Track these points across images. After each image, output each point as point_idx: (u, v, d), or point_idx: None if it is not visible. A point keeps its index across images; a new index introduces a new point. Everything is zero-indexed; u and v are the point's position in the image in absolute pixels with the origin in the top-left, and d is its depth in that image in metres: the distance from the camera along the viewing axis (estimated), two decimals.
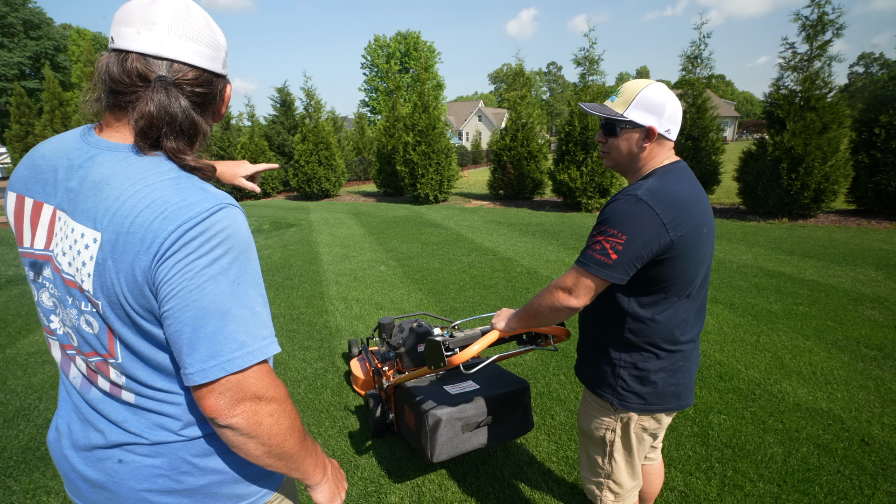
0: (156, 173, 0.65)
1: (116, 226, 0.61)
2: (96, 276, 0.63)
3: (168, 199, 0.62)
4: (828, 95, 7.48)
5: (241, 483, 0.77)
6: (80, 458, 0.73)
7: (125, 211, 0.61)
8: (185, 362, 0.62)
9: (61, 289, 0.68)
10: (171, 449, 0.71)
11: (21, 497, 1.98)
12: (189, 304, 0.60)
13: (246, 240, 0.66)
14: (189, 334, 0.61)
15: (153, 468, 0.71)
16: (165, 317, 0.62)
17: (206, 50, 0.69)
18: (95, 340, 0.68)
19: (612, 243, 1.05)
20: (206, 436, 0.73)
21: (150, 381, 0.69)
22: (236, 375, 0.63)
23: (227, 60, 0.75)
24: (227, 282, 0.62)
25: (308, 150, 13.64)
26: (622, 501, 1.33)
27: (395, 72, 16.24)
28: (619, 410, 1.22)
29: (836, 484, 1.90)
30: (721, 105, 17.69)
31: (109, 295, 0.63)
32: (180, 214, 0.61)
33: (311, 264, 5.97)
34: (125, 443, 0.71)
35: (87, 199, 0.64)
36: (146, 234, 0.60)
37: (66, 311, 0.69)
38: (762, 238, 6.69)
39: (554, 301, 1.14)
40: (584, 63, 9.85)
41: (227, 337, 0.62)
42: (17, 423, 2.53)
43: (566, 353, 3.16)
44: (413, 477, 2.03)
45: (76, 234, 0.64)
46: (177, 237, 0.60)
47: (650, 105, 1.11)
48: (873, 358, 2.99)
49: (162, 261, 0.60)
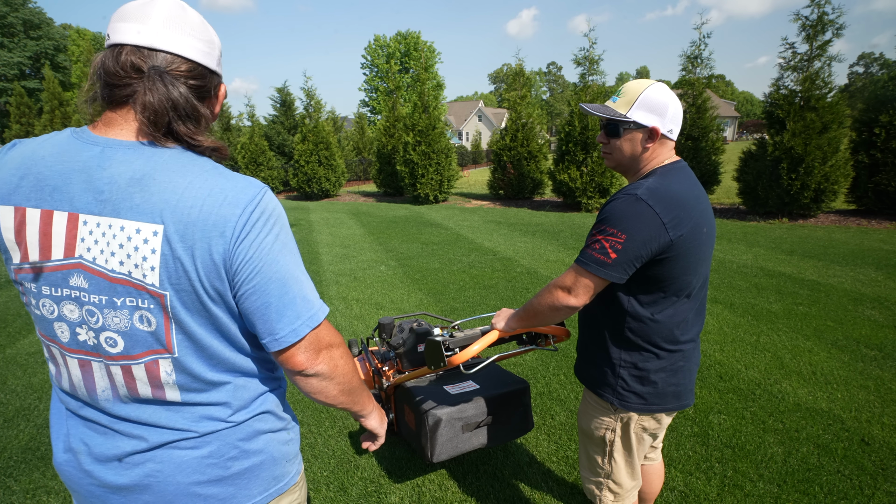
0: (195, 164, 0.68)
1: (181, 215, 0.64)
2: (163, 267, 0.64)
3: (224, 187, 0.67)
4: (828, 95, 7.49)
5: (279, 464, 0.80)
6: (108, 470, 0.71)
7: (187, 201, 0.64)
8: (275, 328, 0.70)
9: (106, 291, 0.65)
10: (219, 437, 0.73)
11: (21, 497, 1.98)
12: (272, 277, 0.69)
13: (285, 215, 0.75)
14: (276, 303, 0.69)
15: (201, 458, 0.72)
16: (250, 293, 0.68)
17: (199, 45, 0.70)
18: (151, 337, 0.67)
19: (611, 242, 1.05)
20: (253, 417, 0.77)
21: (203, 374, 0.71)
22: (315, 330, 0.73)
23: (221, 60, 0.76)
24: (289, 252, 0.72)
25: (308, 150, 13.64)
26: (622, 501, 1.33)
27: (395, 72, 16.23)
28: (619, 410, 1.22)
29: (836, 484, 1.90)
30: (721, 105, 17.70)
31: (181, 282, 0.65)
32: (241, 199, 0.67)
33: (311, 264, 5.97)
34: (171, 441, 0.71)
35: (133, 195, 0.64)
36: (217, 219, 0.65)
37: (114, 315, 0.66)
38: (762, 238, 6.69)
39: (553, 300, 1.14)
40: (584, 63, 9.85)
41: (304, 299, 0.72)
42: (17, 423, 2.53)
43: (566, 353, 3.16)
44: (413, 477, 2.03)
45: (128, 232, 0.63)
46: (245, 219, 0.66)
47: (653, 105, 1.11)
48: (873, 358, 2.98)
49: (239, 242, 0.66)
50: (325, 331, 0.76)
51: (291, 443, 0.85)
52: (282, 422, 0.83)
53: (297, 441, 0.88)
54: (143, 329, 0.67)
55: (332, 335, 0.77)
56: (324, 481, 2.04)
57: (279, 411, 0.82)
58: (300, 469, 0.88)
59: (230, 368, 0.73)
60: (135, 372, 0.69)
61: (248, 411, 0.76)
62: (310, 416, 2.55)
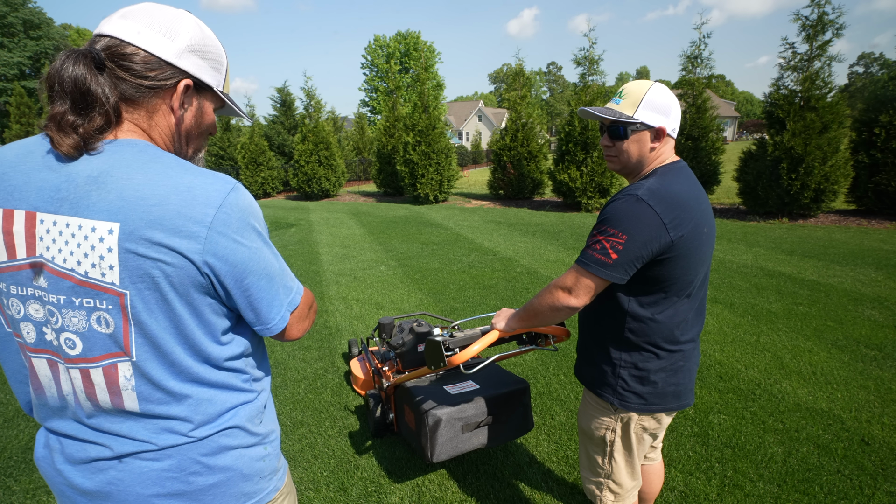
0: (158, 160, 0.66)
1: (142, 213, 0.62)
2: (122, 266, 0.62)
3: (192, 184, 0.65)
4: (828, 95, 7.47)
5: (251, 480, 0.77)
6: (76, 472, 0.71)
7: (148, 198, 0.62)
8: (268, 318, 0.75)
9: (64, 291, 0.65)
10: (179, 451, 0.71)
11: (21, 497, 1.98)
12: (257, 274, 0.71)
13: (258, 207, 0.75)
14: (263, 297, 0.73)
15: (161, 472, 0.70)
16: (233, 292, 0.70)
17: (151, 33, 0.67)
18: (108, 340, 0.66)
19: (612, 243, 1.05)
20: (219, 433, 0.73)
21: (163, 381, 0.68)
22: (297, 309, 0.80)
23: (190, 57, 0.71)
24: (266, 245, 0.74)
25: (308, 150, 13.63)
26: (622, 501, 1.33)
27: (395, 72, 16.23)
28: (619, 410, 1.22)
29: (836, 484, 1.90)
30: (721, 105, 17.69)
31: (144, 281, 0.63)
32: (212, 198, 0.66)
33: (310, 264, 5.97)
34: (133, 452, 0.70)
35: (90, 193, 0.63)
36: (187, 219, 0.63)
37: (72, 315, 0.66)
38: (762, 238, 6.69)
39: (554, 300, 1.14)
40: (584, 63, 9.84)
41: (286, 288, 0.77)
42: (17, 423, 2.53)
43: (566, 353, 3.16)
44: (413, 477, 2.03)
45: (85, 231, 0.62)
46: (221, 219, 0.66)
47: (658, 105, 1.12)
48: (873, 358, 2.98)
49: (215, 243, 0.66)
50: (303, 301, 0.81)
51: (268, 458, 0.81)
52: (254, 437, 0.79)
53: (276, 456, 0.84)
54: (100, 331, 0.66)
55: (308, 303, 0.83)
56: (324, 481, 2.04)
57: (252, 426, 0.78)
58: (279, 486, 0.84)
59: (193, 378, 0.71)
60: (93, 376, 0.67)
61: (212, 426, 0.73)
62: (310, 416, 2.55)
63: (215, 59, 0.76)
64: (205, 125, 0.79)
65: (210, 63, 0.75)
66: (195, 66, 0.72)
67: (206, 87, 0.75)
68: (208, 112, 0.79)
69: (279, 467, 0.85)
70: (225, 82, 0.80)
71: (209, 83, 0.75)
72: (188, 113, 0.75)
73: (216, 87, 0.77)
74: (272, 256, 0.74)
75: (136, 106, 0.69)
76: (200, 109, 0.77)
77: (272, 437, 0.84)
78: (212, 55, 0.75)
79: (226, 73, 0.80)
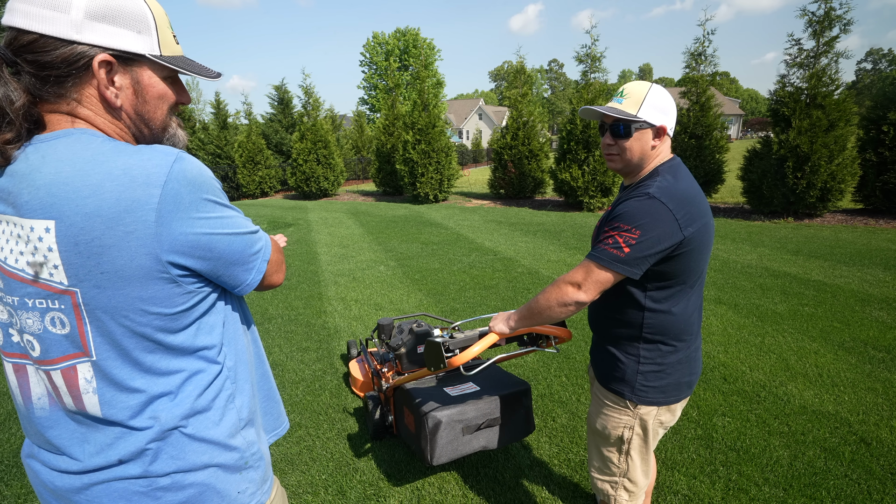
0: (88, 148, 0.60)
1: (76, 206, 0.58)
2: (67, 264, 0.59)
3: (127, 165, 0.60)
4: (835, 92, 7.40)
5: (227, 498, 0.74)
6: (52, 476, 0.70)
7: (80, 190, 0.58)
8: (242, 279, 0.74)
9: (17, 292, 0.63)
10: (147, 465, 0.68)
11: (12, 501, 1.95)
12: (223, 248, 0.68)
13: (209, 173, 0.68)
14: (240, 263, 0.72)
15: (128, 485, 0.68)
16: (203, 268, 0.67)
17: (37, 9, 0.58)
18: (66, 341, 0.63)
19: (624, 238, 1.07)
20: (188, 446, 0.70)
21: (127, 380, 0.65)
22: (269, 262, 0.78)
23: (95, 26, 0.60)
24: (227, 209, 0.70)
25: (306, 148, 13.60)
26: (636, 500, 1.34)
27: (395, 69, 16.22)
28: (638, 407, 1.23)
29: (844, 488, 1.87)
30: (725, 103, 17.58)
31: (92, 276, 0.60)
32: (154, 177, 0.60)
33: (309, 264, 5.95)
34: (100, 467, 0.67)
35: (22, 192, 0.60)
36: (129, 203, 0.58)
37: (27, 316, 0.64)
38: (767, 238, 6.64)
39: (561, 295, 1.15)
40: (585, 60, 9.79)
41: (254, 246, 0.75)
42: (8, 427, 2.51)
43: (567, 354, 3.12)
44: (413, 480, 2.00)
45: (26, 230, 0.60)
46: (170, 198, 0.60)
47: (660, 104, 1.15)
48: (881, 360, 2.94)
49: (169, 224, 0.61)
50: (274, 254, 0.80)
51: (247, 471, 0.76)
52: (232, 452, 0.74)
53: (259, 471, 0.79)
54: (56, 332, 0.63)
55: (278, 254, 0.82)
56: (322, 484, 2.01)
57: (229, 440, 0.74)
58: (263, 501, 0.79)
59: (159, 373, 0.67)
60: (54, 378, 0.65)
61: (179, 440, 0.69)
62: (308, 418, 2.52)
63: (133, 18, 0.62)
64: (154, 100, 0.68)
65: (125, 26, 0.62)
66: (104, 35, 0.61)
67: (134, 56, 0.63)
68: (150, 84, 0.66)
69: (261, 484, 0.80)
70: (161, 42, 0.66)
71: (134, 51, 0.63)
72: (124, 93, 0.65)
73: (148, 53, 0.64)
74: (234, 224, 0.70)
75: (60, 98, 0.62)
76: (138, 83, 0.65)
77: (254, 452, 0.78)
78: (126, 15, 0.62)
79: (157, 30, 0.65)
